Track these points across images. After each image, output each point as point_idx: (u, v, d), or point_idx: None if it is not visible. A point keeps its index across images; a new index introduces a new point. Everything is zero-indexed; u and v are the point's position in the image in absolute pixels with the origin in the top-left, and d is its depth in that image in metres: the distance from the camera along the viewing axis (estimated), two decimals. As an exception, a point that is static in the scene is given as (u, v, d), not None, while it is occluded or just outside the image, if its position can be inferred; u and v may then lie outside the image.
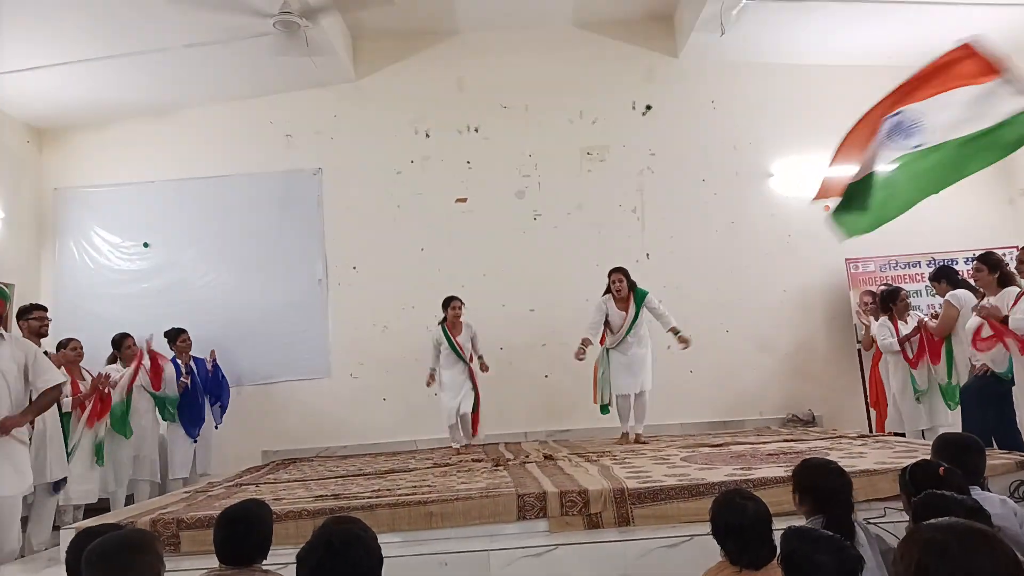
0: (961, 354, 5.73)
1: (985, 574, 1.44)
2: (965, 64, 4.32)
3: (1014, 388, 4.88)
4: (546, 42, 8.23)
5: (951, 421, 5.95)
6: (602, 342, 6.59)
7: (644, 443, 6.34)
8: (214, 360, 7.11)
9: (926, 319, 6.26)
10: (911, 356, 6.18)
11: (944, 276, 5.99)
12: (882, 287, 6.88)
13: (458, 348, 6.68)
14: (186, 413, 6.72)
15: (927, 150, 4.44)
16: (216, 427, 7.08)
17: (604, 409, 6.60)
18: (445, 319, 6.77)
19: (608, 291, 6.54)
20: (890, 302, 6.39)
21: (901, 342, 6.20)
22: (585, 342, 6.37)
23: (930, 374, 6.15)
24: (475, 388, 6.76)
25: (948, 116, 4.37)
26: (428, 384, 6.84)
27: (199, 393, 6.85)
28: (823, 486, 2.69)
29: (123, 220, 8.08)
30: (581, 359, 6.35)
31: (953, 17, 6.80)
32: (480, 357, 6.83)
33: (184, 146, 8.17)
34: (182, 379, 6.71)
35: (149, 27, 6.63)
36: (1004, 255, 5.62)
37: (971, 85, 4.25)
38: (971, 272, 5.54)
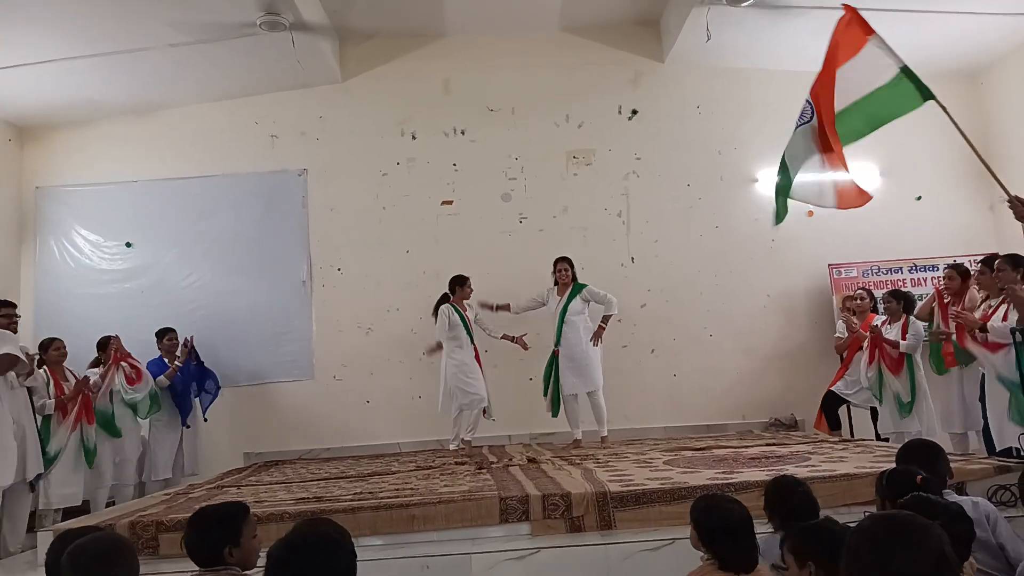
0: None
1: (907, 562, 1.53)
2: (852, 29, 4.54)
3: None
4: (533, 46, 8.23)
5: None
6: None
7: (609, 446, 6.39)
8: (191, 346, 7.05)
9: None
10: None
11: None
12: (887, 292, 6.65)
13: (470, 327, 6.78)
14: (176, 402, 6.83)
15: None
16: (205, 420, 7.12)
17: (554, 412, 6.74)
18: (449, 298, 6.81)
19: (556, 283, 6.82)
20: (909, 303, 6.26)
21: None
22: (505, 307, 6.96)
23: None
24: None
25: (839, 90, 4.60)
26: (430, 352, 6.88)
27: (188, 380, 6.95)
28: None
29: (105, 220, 8.00)
30: (495, 309, 6.98)
31: (935, 23, 6.88)
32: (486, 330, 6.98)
33: (168, 146, 8.09)
34: (175, 363, 6.82)
35: (133, 26, 6.57)
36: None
37: (854, 56, 4.50)
38: (975, 275, 5.53)
